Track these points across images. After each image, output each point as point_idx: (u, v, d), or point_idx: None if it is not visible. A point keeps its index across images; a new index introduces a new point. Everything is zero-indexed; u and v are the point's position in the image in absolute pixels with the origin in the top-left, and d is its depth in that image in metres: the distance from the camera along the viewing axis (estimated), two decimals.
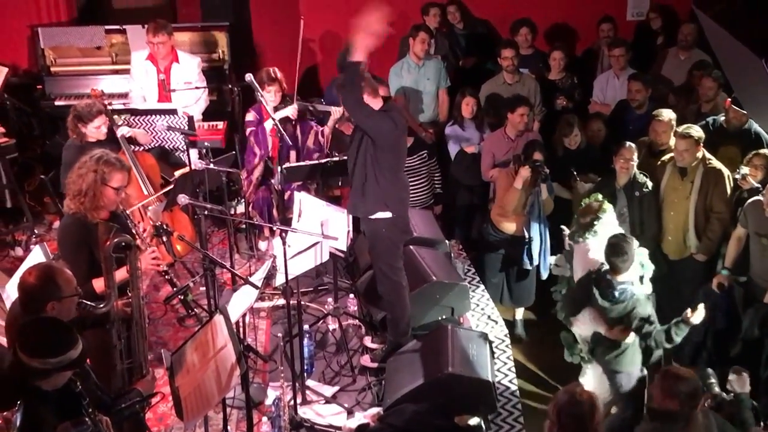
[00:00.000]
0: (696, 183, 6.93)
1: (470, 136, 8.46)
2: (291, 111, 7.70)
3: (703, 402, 4.96)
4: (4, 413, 3.50)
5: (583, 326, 6.23)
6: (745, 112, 7.36)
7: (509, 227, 7.57)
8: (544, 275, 7.53)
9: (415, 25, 9.34)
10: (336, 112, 7.55)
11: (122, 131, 7.33)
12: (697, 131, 6.91)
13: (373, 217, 6.31)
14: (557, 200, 7.61)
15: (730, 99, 7.51)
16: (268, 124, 7.70)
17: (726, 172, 6.93)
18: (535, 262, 7.45)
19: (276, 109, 7.69)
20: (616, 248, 5.91)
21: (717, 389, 5.48)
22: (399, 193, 6.38)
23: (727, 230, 6.91)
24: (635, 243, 6.03)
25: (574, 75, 9.21)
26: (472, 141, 8.41)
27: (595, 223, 6.43)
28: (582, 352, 6.41)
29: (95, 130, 6.89)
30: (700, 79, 8.14)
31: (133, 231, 5.36)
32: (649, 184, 7.03)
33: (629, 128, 8.08)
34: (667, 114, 7.42)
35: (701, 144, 6.91)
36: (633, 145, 7.06)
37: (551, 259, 7.35)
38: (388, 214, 6.29)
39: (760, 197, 6.39)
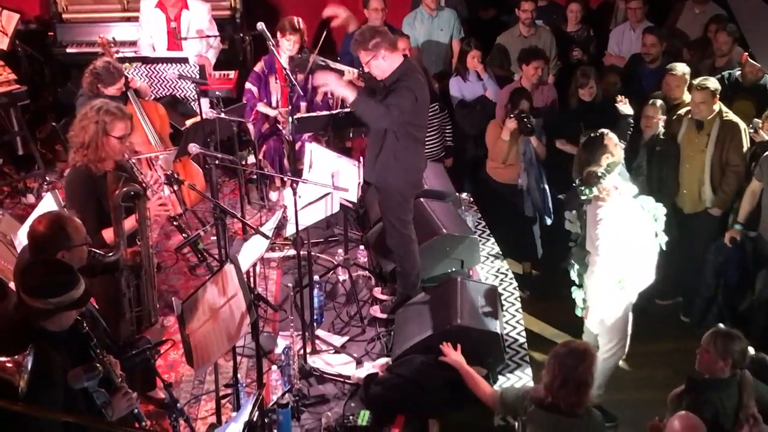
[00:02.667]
0: (712, 136, 6.89)
1: (473, 88, 8.43)
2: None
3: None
4: (15, 356, 3.52)
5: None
6: (760, 66, 7.29)
7: (505, 177, 7.68)
8: (548, 221, 7.64)
9: None
10: (349, 73, 7.48)
11: (132, 75, 7.29)
12: (713, 83, 6.86)
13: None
14: (565, 156, 7.59)
15: (746, 54, 7.45)
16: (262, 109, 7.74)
17: (742, 125, 6.89)
18: (536, 210, 7.60)
19: (291, 59, 7.62)
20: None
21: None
22: (417, 164, 6.31)
23: (742, 184, 6.89)
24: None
25: (590, 28, 9.14)
26: (474, 93, 8.39)
27: (601, 174, 6.02)
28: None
29: (115, 90, 6.87)
30: (716, 34, 8.07)
31: (140, 179, 5.37)
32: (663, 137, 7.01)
33: (642, 82, 8.03)
34: (681, 68, 7.36)
35: (717, 96, 6.86)
36: (659, 102, 7.01)
37: (566, 215, 7.18)
38: (401, 181, 6.27)
39: None
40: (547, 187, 7.65)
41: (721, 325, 4.98)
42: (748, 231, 6.77)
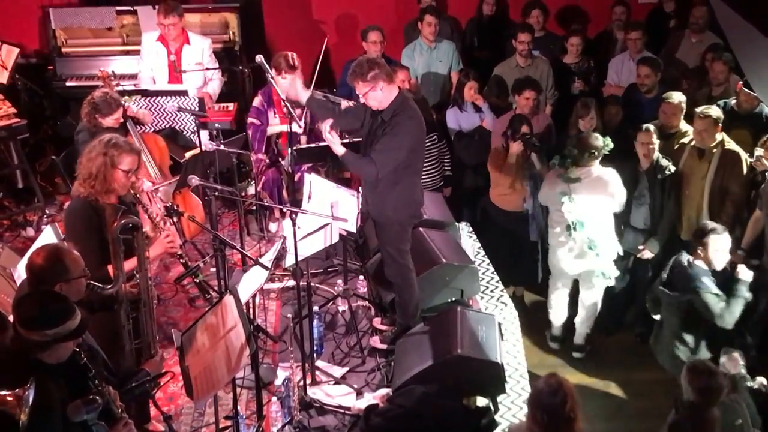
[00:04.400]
0: (713, 164, 6.93)
1: (470, 119, 8.48)
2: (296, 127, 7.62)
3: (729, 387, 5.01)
4: (16, 390, 3.51)
5: None
6: (756, 95, 7.33)
7: (511, 204, 7.76)
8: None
9: (422, 8, 9.37)
10: (345, 106, 7.53)
11: (129, 104, 7.31)
12: (715, 111, 6.91)
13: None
14: None
15: (741, 82, 7.49)
16: (272, 129, 7.74)
17: (744, 155, 6.92)
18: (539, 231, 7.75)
19: (288, 95, 7.62)
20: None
21: (743, 371, 5.51)
22: (414, 195, 6.31)
23: (741, 213, 6.90)
24: None
25: (591, 59, 9.20)
26: (471, 123, 8.44)
27: (597, 154, 6.88)
28: None
29: (113, 121, 6.90)
30: (712, 63, 8.12)
31: (146, 215, 5.38)
32: (672, 167, 7.03)
33: (640, 112, 8.06)
34: (677, 96, 7.41)
35: (719, 125, 6.90)
36: (651, 127, 7.04)
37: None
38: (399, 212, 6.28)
39: None
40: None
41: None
42: (750, 259, 6.78)
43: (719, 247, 5.96)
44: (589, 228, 6.96)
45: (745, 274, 5.97)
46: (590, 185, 6.93)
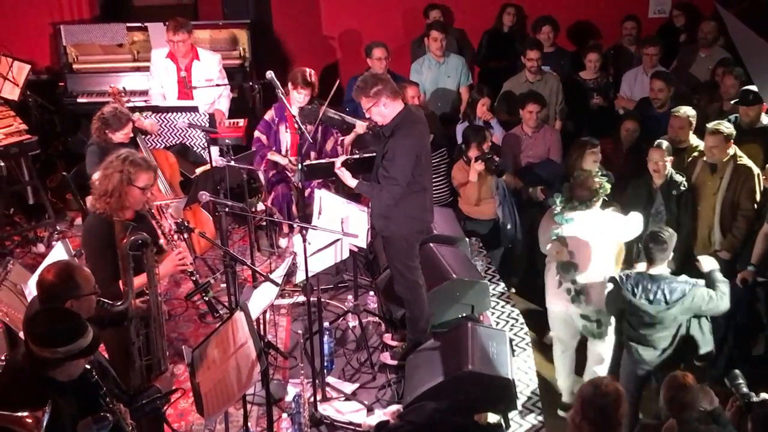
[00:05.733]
0: (725, 179, 6.90)
1: None
2: (360, 128, 7.68)
3: (731, 403, 4.97)
4: (35, 412, 3.51)
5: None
6: (752, 107, 7.31)
7: (483, 214, 7.93)
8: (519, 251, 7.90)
9: (428, 24, 9.39)
10: (360, 127, 7.53)
11: (137, 116, 7.33)
12: (727, 127, 6.88)
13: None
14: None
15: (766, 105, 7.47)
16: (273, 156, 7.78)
17: (756, 170, 6.89)
18: (509, 238, 7.86)
19: (301, 110, 7.60)
20: (655, 237, 5.89)
21: (745, 389, 5.46)
22: (421, 211, 6.32)
23: (753, 229, 6.87)
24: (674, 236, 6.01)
25: (609, 74, 9.22)
26: None
27: (589, 202, 6.29)
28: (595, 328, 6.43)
29: (123, 136, 6.91)
30: (723, 77, 8.11)
31: (159, 231, 5.39)
32: (685, 183, 7.00)
33: (652, 126, 8.04)
34: (685, 110, 7.40)
35: (731, 140, 6.87)
36: (663, 143, 6.99)
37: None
38: (406, 228, 6.29)
39: None
40: (518, 218, 7.84)
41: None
42: (758, 276, 6.75)
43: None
44: (581, 273, 6.30)
45: (707, 263, 5.96)
46: (585, 228, 6.32)
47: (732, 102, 7.63)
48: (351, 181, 6.30)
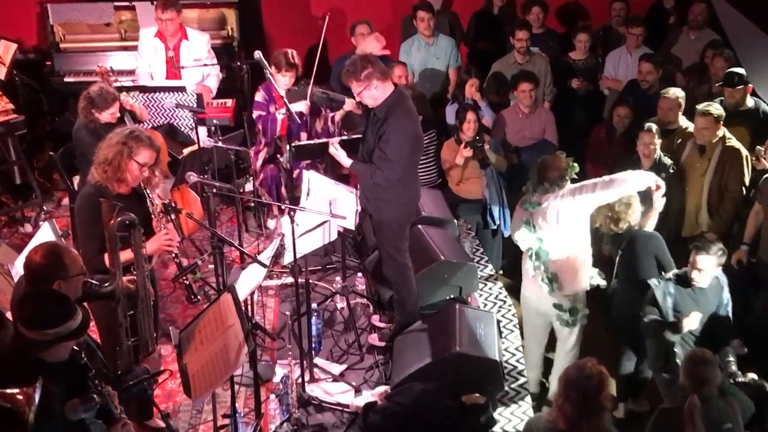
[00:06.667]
0: (713, 161, 6.93)
1: None
2: (303, 107, 7.58)
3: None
4: (26, 389, 3.51)
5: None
6: (737, 89, 7.32)
7: (470, 193, 7.95)
8: (506, 233, 7.78)
9: (414, 5, 9.31)
10: (349, 104, 7.50)
11: (125, 98, 7.28)
12: (717, 109, 6.90)
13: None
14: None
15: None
16: (280, 115, 7.65)
17: (744, 152, 6.91)
18: (497, 222, 7.87)
19: (288, 91, 7.59)
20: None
21: (734, 368, 5.52)
22: (411, 193, 6.34)
23: (739, 211, 6.89)
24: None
25: (599, 55, 9.21)
26: None
27: (560, 182, 6.05)
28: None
29: (109, 115, 6.87)
30: (712, 59, 8.11)
31: (151, 211, 5.39)
32: (674, 166, 7.00)
33: (640, 108, 8.03)
34: (674, 92, 7.42)
35: (721, 122, 6.88)
36: (653, 127, 7.00)
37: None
38: (397, 211, 6.28)
39: None
40: (506, 199, 7.86)
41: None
42: (751, 256, 6.77)
43: (704, 266, 5.76)
44: (553, 260, 6.16)
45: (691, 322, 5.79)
46: (554, 214, 6.07)
47: (717, 84, 7.63)
48: (346, 160, 6.29)
